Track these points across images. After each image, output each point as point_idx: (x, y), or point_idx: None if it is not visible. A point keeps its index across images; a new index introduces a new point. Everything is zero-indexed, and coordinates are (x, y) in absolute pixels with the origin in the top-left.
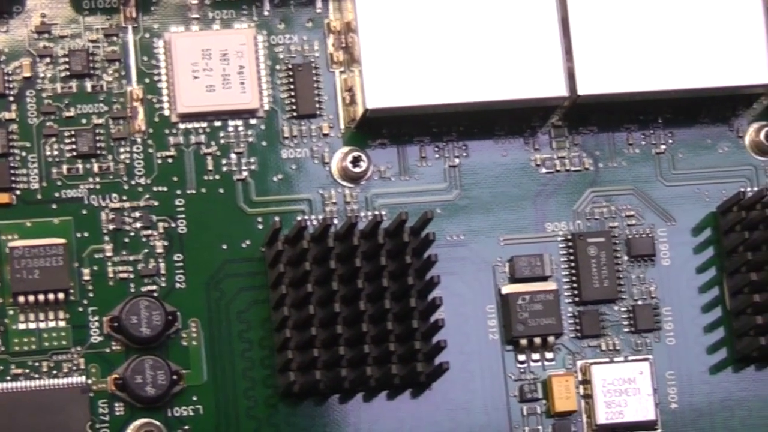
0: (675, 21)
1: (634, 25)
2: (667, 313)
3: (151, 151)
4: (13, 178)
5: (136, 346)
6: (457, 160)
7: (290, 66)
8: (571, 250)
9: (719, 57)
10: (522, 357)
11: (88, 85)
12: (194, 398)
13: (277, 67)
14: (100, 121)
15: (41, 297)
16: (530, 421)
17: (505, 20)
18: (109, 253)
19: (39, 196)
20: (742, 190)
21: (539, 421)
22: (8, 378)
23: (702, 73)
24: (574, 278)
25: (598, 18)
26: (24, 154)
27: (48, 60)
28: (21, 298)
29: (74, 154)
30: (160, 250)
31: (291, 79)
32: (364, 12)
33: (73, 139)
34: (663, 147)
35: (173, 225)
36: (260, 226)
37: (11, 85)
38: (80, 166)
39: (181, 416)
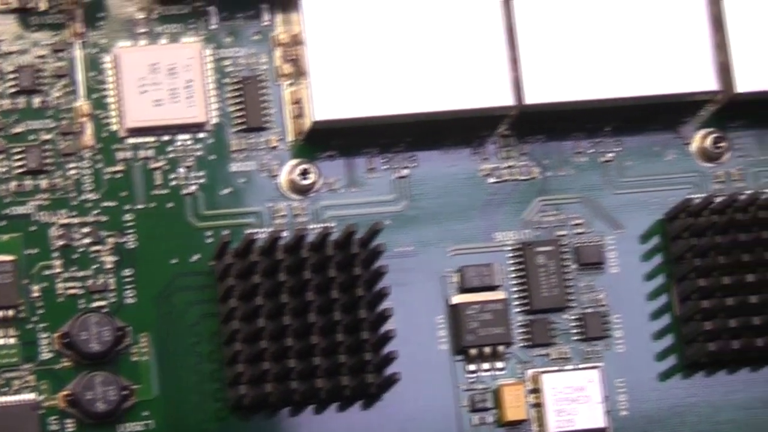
0: (621, 29)
1: (580, 34)
2: (616, 321)
3: (99, 166)
4: None
5: (87, 362)
6: (405, 171)
7: (238, 79)
8: (520, 259)
9: (665, 65)
10: (472, 367)
11: (36, 101)
12: (145, 413)
13: (225, 80)
14: (48, 137)
15: None
16: (481, 431)
17: (451, 30)
18: (58, 270)
19: None
20: (689, 196)
21: (490, 430)
22: None
23: (649, 80)
24: (523, 287)
25: (544, 27)
26: None
27: None
28: None
29: (23, 170)
30: (109, 266)
31: (239, 93)
32: (312, 24)
33: (22, 156)
34: (611, 155)
35: (122, 240)
36: (209, 240)
37: None
38: (29, 182)
39: (133, 431)
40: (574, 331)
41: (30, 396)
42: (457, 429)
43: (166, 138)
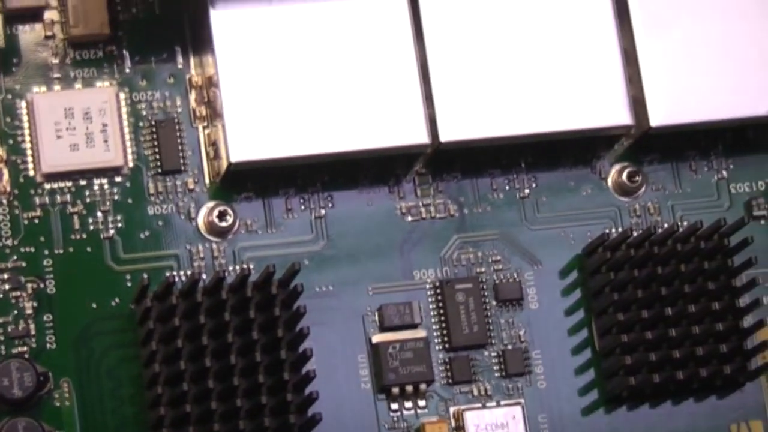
0: (534, 64)
1: (493, 70)
2: (536, 357)
3: (17, 212)
4: None
5: (9, 408)
6: (322, 211)
7: (153, 122)
8: (439, 297)
9: (579, 100)
10: (395, 405)
11: None
12: None
13: (141, 123)
14: None
15: None
16: None
17: (364, 69)
18: None
19: None
20: (607, 231)
21: None
22: None
23: (562, 116)
24: (443, 325)
25: (457, 64)
26: None
27: None
28: None
29: None
30: (29, 311)
31: (154, 136)
32: (225, 66)
33: None
34: (527, 191)
35: (42, 285)
36: (129, 284)
37: None
38: None
39: None
40: (496, 367)
41: None
42: None
43: (83, 182)
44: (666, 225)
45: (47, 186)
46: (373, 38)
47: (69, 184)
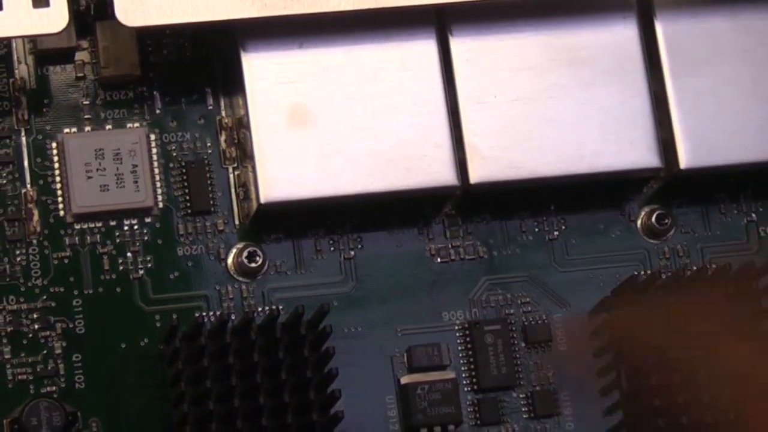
0: (563, 107)
1: (523, 113)
2: (565, 398)
3: (46, 252)
4: None
5: None
6: (352, 252)
7: (183, 163)
8: (468, 339)
9: (608, 142)
10: None
11: None
12: None
13: (171, 164)
14: None
15: None
16: None
17: (394, 111)
18: (7, 356)
19: None
20: (636, 273)
21: None
22: None
23: (591, 158)
24: (472, 366)
25: (487, 107)
26: None
27: None
28: None
29: None
30: (58, 351)
31: (185, 177)
32: (255, 107)
33: None
34: (556, 233)
35: (71, 325)
36: (158, 324)
37: None
38: None
39: None
40: (524, 409)
41: None
42: None
43: (113, 223)
44: (695, 267)
45: (77, 226)
46: (404, 81)
47: (99, 224)
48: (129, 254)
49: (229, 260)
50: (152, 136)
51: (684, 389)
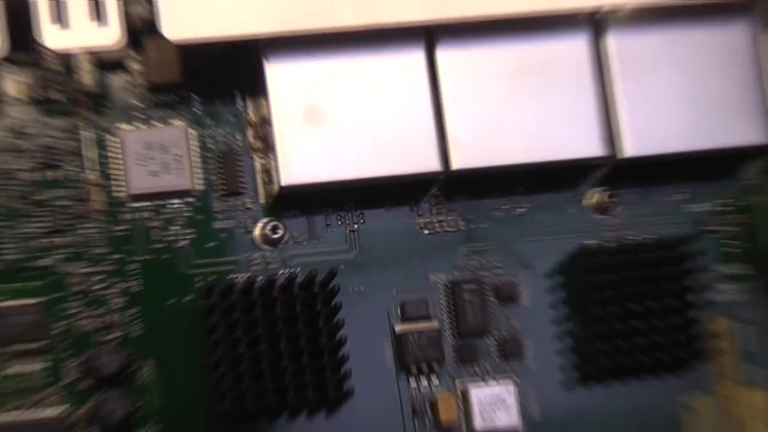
0: (529, 107)
1: (496, 112)
2: (528, 343)
3: (107, 226)
4: None
5: (102, 384)
6: (355, 226)
7: (218, 153)
8: (450, 295)
9: (565, 136)
10: (413, 381)
11: (54, 174)
12: (150, 423)
13: (207, 154)
14: (64, 203)
15: (23, 347)
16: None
17: (390, 111)
18: (76, 310)
19: (17, 265)
20: (586, 243)
21: (429, 430)
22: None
23: (552, 149)
24: (453, 317)
25: (466, 107)
26: (3, 231)
27: (20, 154)
28: (8, 349)
29: (45, 230)
30: (118, 306)
31: (219, 164)
32: (276, 107)
33: (44, 219)
34: (522, 210)
35: (129, 285)
36: (198, 284)
37: None
38: (51, 240)
39: None
40: (495, 352)
41: (57, 412)
42: (402, 430)
43: (160, 202)
44: (635, 238)
45: (132, 205)
46: (398, 85)
47: (149, 203)
48: (174, 227)
49: (256, 232)
50: (192, 131)
51: None
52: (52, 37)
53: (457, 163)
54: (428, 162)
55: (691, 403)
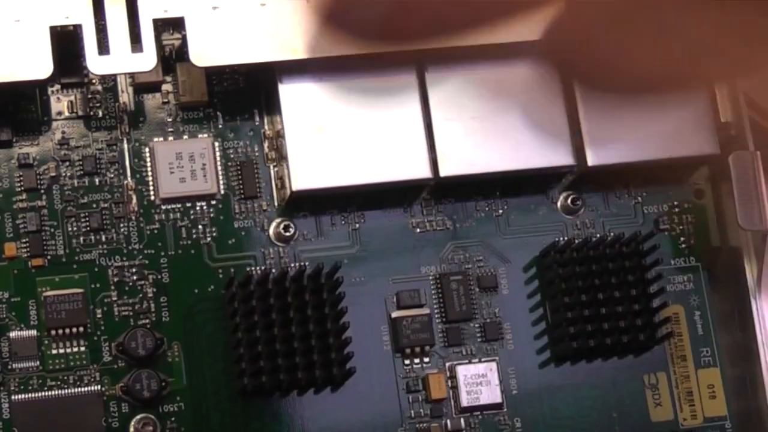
0: (506, 122)
1: (478, 126)
2: (507, 328)
3: (142, 225)
4: (45, 247)
5: (135, 363)
6: (357, 225)
7: (238, 163)
8: (439, 285)
9: (537, 147)
10: (407, 361)
11: (96, 180)
12: (177, 398)
13: (229, 163)
14: (106, 205)
15: (67, 330)
16: (414, 406)
17: (386, 125)
18: (114, 298)
19: (64, 259)
20: (556, 240)
21: (421, 406)
22: (45, 388)
23: (526, 158)
24: (441, 305)
25: (453, 122)
26: (52, 230)
27: (67, 163)
28: (53, 332)
29: (88, 228)
30: (150, 295)
31: (239, 172)
32: (289, 123)
33: (87, 219)
34: (501, 211)
35: (159, 277)
36: (221, 276)
37: (42, 182)
38: (92, 237)
39: (169, 411)
40: (478, 335)
41: (96, 387)
42: (397, 406)
43: (188, 204)
44: (599, 235)
45: (163, 207)
46: (393, 104)
47: (179, 205)
48: (200, 226)
49: (271, 231)
50: (216, 144)
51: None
52: (96, 63)
53: (445, 171)
54: (420, 170)
55: (650, 380)
